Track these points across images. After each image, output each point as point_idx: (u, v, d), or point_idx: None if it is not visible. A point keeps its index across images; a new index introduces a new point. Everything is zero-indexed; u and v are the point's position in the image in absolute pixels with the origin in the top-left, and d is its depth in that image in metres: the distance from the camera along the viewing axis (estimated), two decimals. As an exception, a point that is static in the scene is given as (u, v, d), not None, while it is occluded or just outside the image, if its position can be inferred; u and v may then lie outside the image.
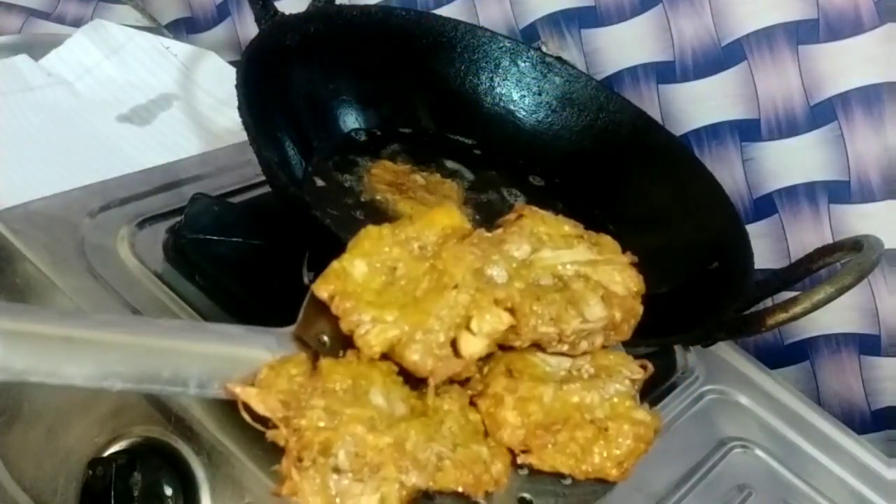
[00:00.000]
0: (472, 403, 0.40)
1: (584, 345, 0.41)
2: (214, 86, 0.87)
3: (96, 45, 0.85)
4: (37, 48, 0.83)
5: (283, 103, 0.64)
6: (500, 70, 0.76)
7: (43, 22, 0.97)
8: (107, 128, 0.78)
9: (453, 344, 0.39)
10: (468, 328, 0.39)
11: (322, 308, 0.40)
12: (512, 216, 0.43)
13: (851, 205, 0.75)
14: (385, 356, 0.39)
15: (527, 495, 0.40)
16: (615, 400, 0.41)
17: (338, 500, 0.35)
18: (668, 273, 0.67)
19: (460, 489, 0.37)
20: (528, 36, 0.86)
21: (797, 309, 0.52)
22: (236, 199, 0.68)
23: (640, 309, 0.43)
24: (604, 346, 0.42)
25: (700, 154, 0.79)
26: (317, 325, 0.41)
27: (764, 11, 0.75)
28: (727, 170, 0.79)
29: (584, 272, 0.42)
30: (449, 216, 0.42)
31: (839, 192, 0.75)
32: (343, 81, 0.70)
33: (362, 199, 0.63)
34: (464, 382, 0.41)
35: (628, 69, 0.83)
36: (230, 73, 0.57)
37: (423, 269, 0.40)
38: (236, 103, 0.55)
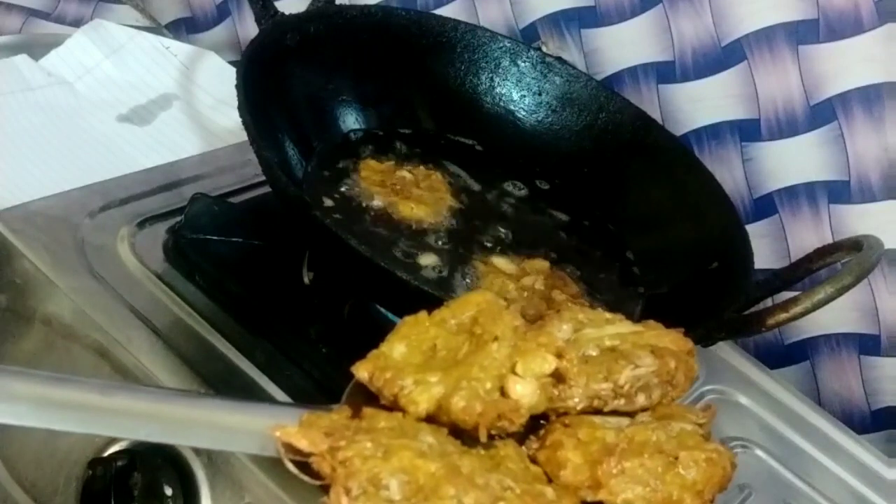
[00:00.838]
0: (532, 461, 0.38)
1: (641, 399, 0.39)
2: (214, 86, 0.87)
3: (96, 45, 0.85)
4: (37, 48, 0.83)
5: (283, 103, 0.64)
6: (500, 70, 0.76)
7: (43, 22, 0.97)
8: (107, 128, 0.78)
9: (502, 394, 0.37)
10: (514, 373, 0.37)
11: (365, 394, 0.39)
12: (550, 312, 0.42)
13: (851, 205, 0.75)
14: (431, 420, 0.36)
15: None
16: (683, 437, 0.38)
17: None
18: (668, 273, 0.67)
19: None
20: (528, 36, 0.86)
21: (797, 309, 0.52)
22: (236, 199, 0.68)
23: (695, 365, 0.41)
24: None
25: (700, 154, 0.79)
26: (358, 408, 0.39)
27: (764, 11, 0.75)
28: (727, 170, 0.79)
29: (630, 339, 0.41)
30: (484, 296, 0.41)
31: (839, 192, 0.75)
32: (343, 81, 0.70)
33: (363, 205, 0.63)
34: (521, 442, 0.38)
35: (628, 69, 0.83)
36: (230, 73, 0.57)
37: (462, 340, 0.39)
38: (236, 103, 0.55)
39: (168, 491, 0.49)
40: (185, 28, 1.05)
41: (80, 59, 0.84)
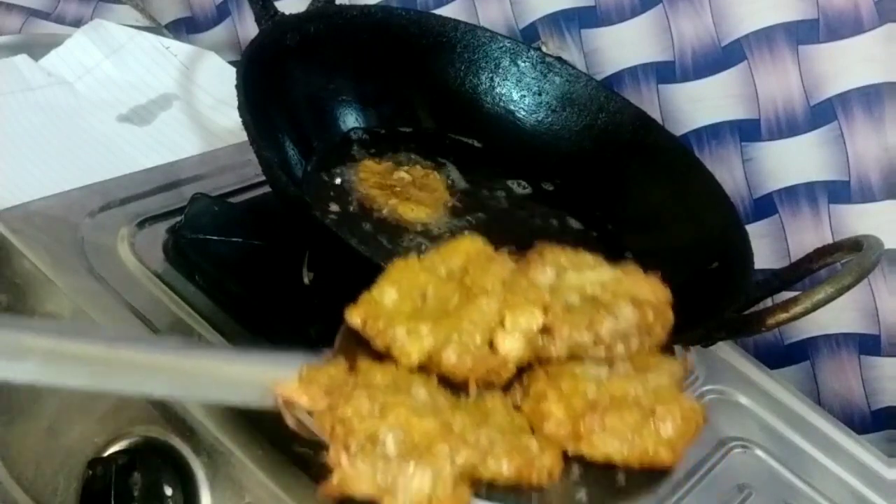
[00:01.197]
0: (516, 409, 0.40)
1: (620, 348, 0.41)
2: (214, 86, 0.87)
3: (96, 45, 0.85)
4: (37, 48, 0.83)
5: (283, 103, 0.64)
6: (500, 70, 0.76)
7: (43, 22, 0.97)
8: (107, 128, 0.78)
9: (490, 347, 0.39)
10: (502, 326, 0.39)
11: (357, 339, 0.40)
12: (533, 254, 0.43)
13: (851, 205, 0.75)
14: (422, 370, 0.38)
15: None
16: (660, 390, 0.40)
17: (389, 484, 0.34)
18: (668, 273, 0.66)
19: (512, 474, 0.36)
20: (528, 36, 0.86)
21: (797, 309, 0.52)
22: (236, 199, 0.68)
23: (671, 315, 0.43)
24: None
25: (700, 154, 0.79)
26: (351, 354, 0.40)
27: (764, 11, 0.75)
28: (727, 170, 0.79)
29: (611, 287, 0.42)
30: (473, 243, 0.43)
31: (839, 192, 0.75)
32: (343, 81, 0.70)
33: (364, 208, 0.63)
34: (506, 390, 0.40)
35: (628, 69, 0.83)
36: (230, 73, 0.57)
37: (452, 288, 0.41)
38: (236, 103, 0.55)
39: (168, 491, 0.49)
40: (185, 28, 1.05)
41: (80, 59, 0.84)
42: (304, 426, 0.38)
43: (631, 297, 0.42)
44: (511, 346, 0.39)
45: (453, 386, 0.39)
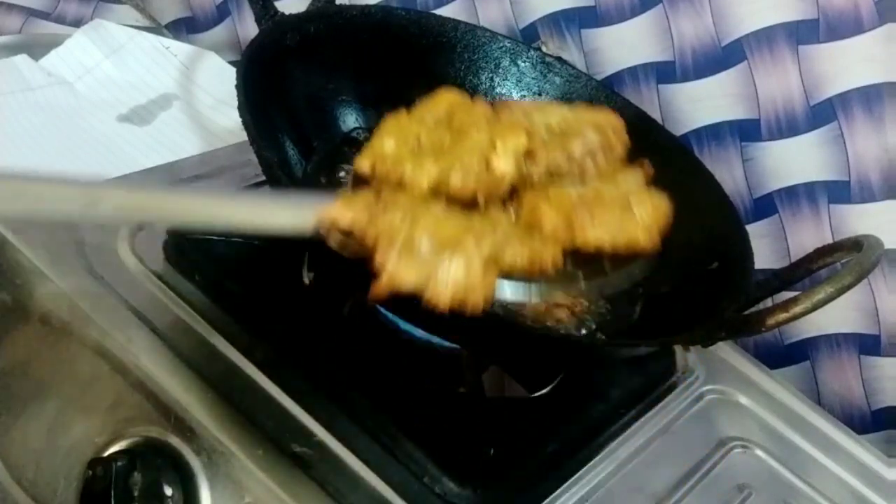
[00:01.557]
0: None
1: (590, 164, 0.48)
2: (214, 86, 0.87)
3: (96, 45, 0.85)
4: (37, 48, 0.83)
5: (283, 103, 0.64)
6: (500, 70, 0.76)
7: (43, 22, 0.97)
8: (107, 128, 0.78)
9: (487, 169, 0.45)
10: (495, 150, 0.45)
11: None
12: (500, 104, 0.50)
13: (851, 205, 0.75)
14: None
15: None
16: (630, 190, 0.49)
17: (430, 275, 0.40)
18: (668, 273, 0.67)
19: (525, 263, 0.43)
20: (528, 36, 0.86)
21: (797, 309, 0.52)
22: (236, 199, 0.68)
23: (626, 137, 0.50)
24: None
25: (700, 154, 0.79)
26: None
27: (764, 11, 0.75)
28: (727, 170, 0.79)
29: (572, 120, 0.49)
30: (450, 92, 0.50)
31: (839, 192, 0.75)
32: (343, 81, 0.70)
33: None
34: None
35: (628, 69, 0.83)
36: (230, 73, 0.57)
37: (442, 132, 0.47)
38: (236, 103, 0.55)
39: (168, 491, 0.49)
40: (185, 28, 1.05)
41: (80, 59, 0.84)
42: (346, 242, 0.42)
43: (592, 123, 0.49)
44: (505, 164, 0.45)
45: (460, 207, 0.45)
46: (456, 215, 0.43)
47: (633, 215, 0.47)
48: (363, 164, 0.46)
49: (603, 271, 0.49)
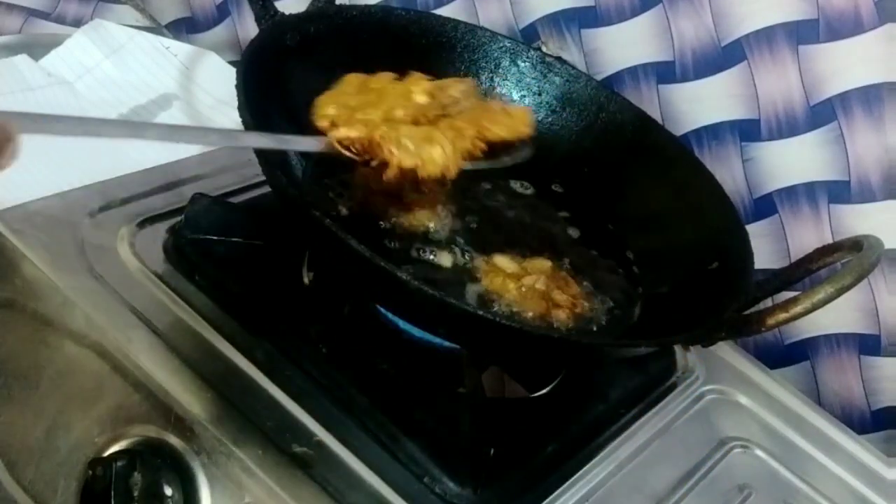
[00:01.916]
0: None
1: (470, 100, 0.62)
2: (214, 86, 0.87)
3: (96, 45, 0.85)
4: (37, 48, 0.83)
5: (283, 103, 0.64)
6: (500, 70, 0.76)
7: (43, 22, 0.97)
8: (107, 128, 0.77)
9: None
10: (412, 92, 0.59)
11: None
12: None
13: (851, 205, 0.75)
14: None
15: None
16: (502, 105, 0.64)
17: (423, 157, 0.55)
18: (668, 273, 0.67)
19: (468, 147, 0.58)
20: (528, 36, 0.86)
21: (797, 309, 0.52)
22: (236, 199, 0.68)
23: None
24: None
25: (700, 154, 0.79)
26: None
27: (764, 11, 0.75)
28: (727, 170, 0.79)
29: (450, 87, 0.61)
30: (353, 75, 0.61)
31: (839, 192, 0.75)
32: (343, 81, 0.70)
33: (364, 213, 0.63)
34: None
35: (628, 69, 0.83)
36: (230, 73, 0.57)
37: (365, 95, 0.59)
38: (236, 103, 0.55)
39: (168, 491, 0.49)
40: (185, 28, 1.05)
41: (80, 59, 0.84)
42: (352, 151, 0.55)
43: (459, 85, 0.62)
44: (422, 97, 0.59)
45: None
46: (418, 126, 0.57)
47: (512, 117, 0.62)
48: (322, 121, 0.56)
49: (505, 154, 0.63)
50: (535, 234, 0.68)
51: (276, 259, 0.63)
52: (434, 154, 0.56)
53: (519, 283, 0.60)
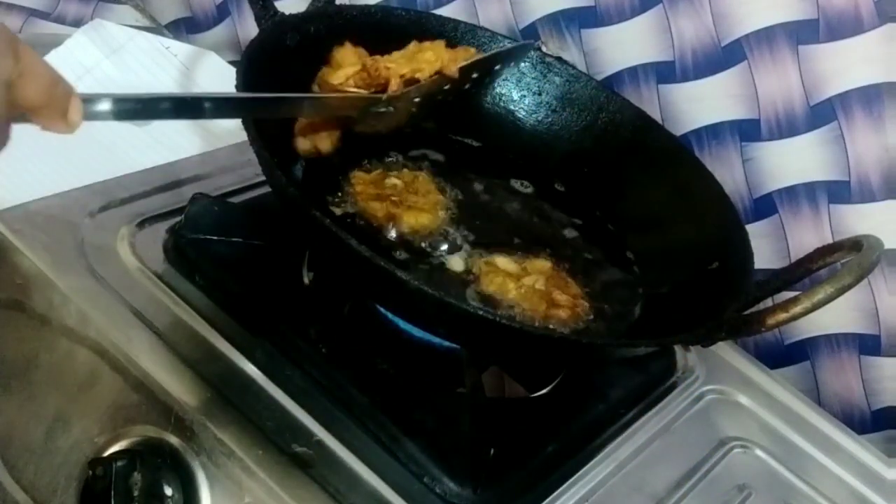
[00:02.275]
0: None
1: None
2: (214, 86, 0.87)
3: (96, 45, 0.85)
4: (37, 48, 0.82)
5: (283, 103, 0.64)
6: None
7: (43, 22, 0.97)
8: (107, 128, 0.77)
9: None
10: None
11: None
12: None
13: (851, 205, 0.75)
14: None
15: None
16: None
17: (413, 60, 0.62)
18: (668, 273, 0.67)
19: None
20: (528, 36, 0.86)
21: (797, 309, 0.52)
22: (236, 199, 0.68)
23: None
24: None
25: (700, 154, 0.79)
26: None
27: (764, 11, 0.75)
28: (727, 170, 0.79)
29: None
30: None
31: (839, 192, 0.75)
32: (343, 81, 0.70)
33: (367, 221, 0.62)
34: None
35: (628, 69, 0.83)
36: (230, 73, 0.57)
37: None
38: (236, 103, 0.55)
39: (168, 491, 0.49)
40: (185, 28, 1.05)
41: (80, 59, 0.84)
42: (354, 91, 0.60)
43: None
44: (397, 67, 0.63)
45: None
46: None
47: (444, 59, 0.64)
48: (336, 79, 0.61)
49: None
50: (534, 235, 0.68)
51: (276, 259, 0.63)
52: (426, 56, 0.62)
53: (519, 284, 0.60)
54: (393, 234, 0.62)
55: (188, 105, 0.49)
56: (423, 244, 0.62)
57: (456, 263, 0.61)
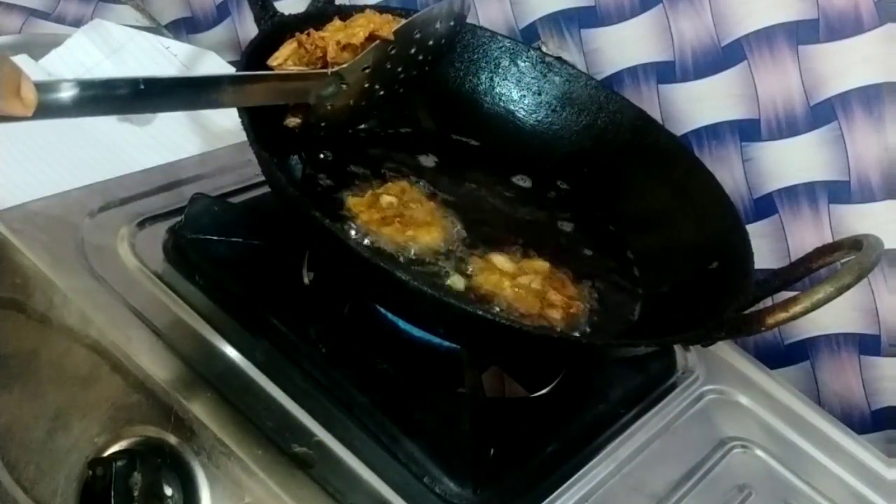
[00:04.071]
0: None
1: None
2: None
3: (96, 45, 0.85)
4: (37, 48, 0.83)
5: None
6: (500, 70, 0.77)
7: (43, 22, 0.97)
8: (107, 128, 0.78)
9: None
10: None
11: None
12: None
13: (851, 205, 0.75)
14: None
15: None
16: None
17: (347, 28, 0.62)
18: (668, 273, 0.67)
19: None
20: (528, 36, 0.86)
21: (797, 309, 0.52)
22: (236, 199, 0.68)
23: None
24: None
25: (700, 154, 0.79)
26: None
27: (764, 11, 0.75)
28: (727, 170, 0.79)
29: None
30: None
31: (839, 192, 0.75)
32: (343, 81, 0.70)
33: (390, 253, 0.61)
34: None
35: (628, 69, 0.83)
36: (230, 73, 0.57)
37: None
38: (236, 103, 0.55)
39: (168, 491, 0.49)
40: (185, 28, 1.05)
41: (80, 59, 0.84)
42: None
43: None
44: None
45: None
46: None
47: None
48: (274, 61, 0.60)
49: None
50: (533, 234, 0.68)
51: (275, 259, 0.63)
52: (358, 22, 0.62)
53: (514, 282, 0.60)
54: (413, 253, 0.60)
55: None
56: (442, 262, 0.61)
57: (458, 282, 0.60)
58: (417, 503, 0.51)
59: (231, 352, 0.55)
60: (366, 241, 0.59)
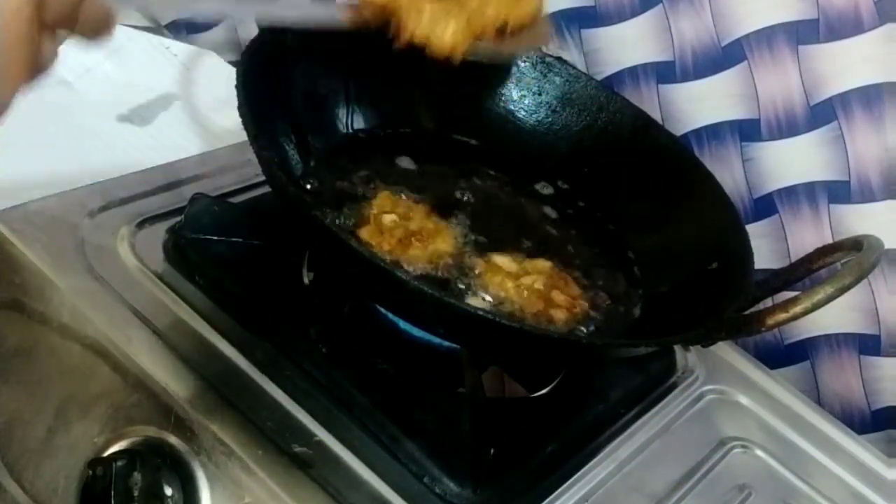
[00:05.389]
0: None
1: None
2: (214, 86, 0.87)
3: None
4: (37, 48, 0.83)
5: (282, 103, 0.64)
6: (501, 70, 0.76)
7: (43, 22, 0.97)
8: (107, 128, 0.78)
9: None
10: None
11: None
12: None
13: (851, 205, 0.75)
14: None
15: None
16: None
17: (434, 28, 0.57)
18: (668, 273, 0.67)
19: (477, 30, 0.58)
20: (528, 36, 0.86)
21: (797, 309, 0.52)
22: (236, 199, 0.68)
23: None
24: None
25: (700, 154, 0.79)
26: None
27: (764, 11, 0.75)
28: (727, 170, 0.79)
29: None
30: None
31: (839, 192, 0.75)
32: (343, 81, 0.70)
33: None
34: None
35: (628, 69, 0.83)
36: (230, 73, 0.57)
37: None
38: (236, 103, 0.55)
39: (168, 491, 0.49)
40: (185, 28, 1.05)
41: (80, 58, 0.84)
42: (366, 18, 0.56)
43: None
44: None
45: None
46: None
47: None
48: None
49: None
50: (534, 234, 0.68)
51: (275, 259, 0.63)
52: (446, 32, 0.58)
53: (516, 282, 0.60)
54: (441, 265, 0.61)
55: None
56: (456, 273, 0.61)
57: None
58: (417, 503, 0.51)
59: (231, 352, 0.55)
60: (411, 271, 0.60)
